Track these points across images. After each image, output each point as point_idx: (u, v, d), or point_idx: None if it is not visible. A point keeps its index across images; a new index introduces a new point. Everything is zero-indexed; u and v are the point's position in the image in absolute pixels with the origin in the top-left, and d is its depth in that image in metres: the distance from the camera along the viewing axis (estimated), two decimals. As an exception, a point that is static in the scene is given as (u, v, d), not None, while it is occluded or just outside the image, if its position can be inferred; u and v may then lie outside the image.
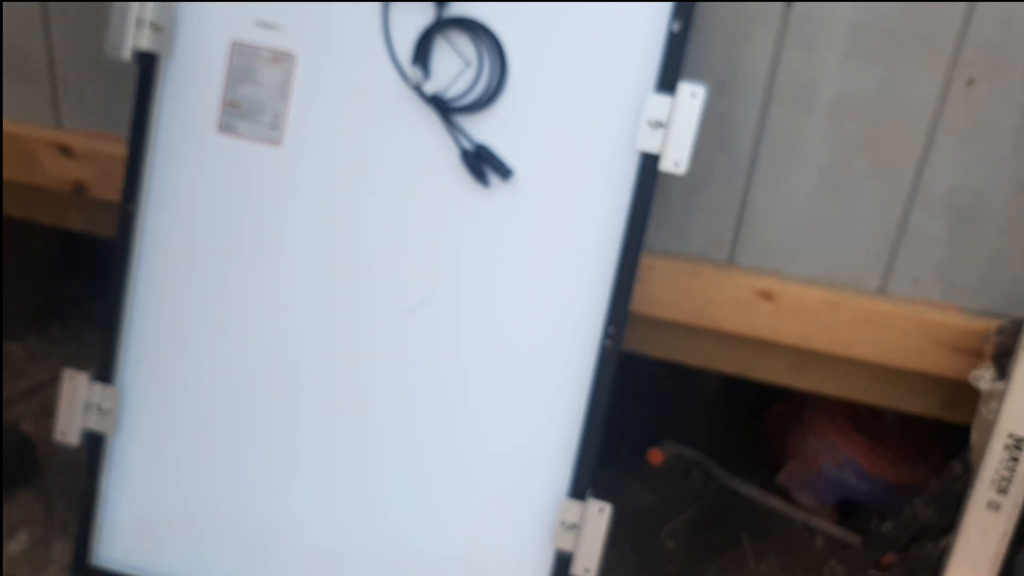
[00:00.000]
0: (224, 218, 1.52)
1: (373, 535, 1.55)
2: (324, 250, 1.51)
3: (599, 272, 1.43)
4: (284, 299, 1.52)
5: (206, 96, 1.50)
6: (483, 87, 1.42)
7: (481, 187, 1.44)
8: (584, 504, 1.47)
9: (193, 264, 1.54)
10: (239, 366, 1.55)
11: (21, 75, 1.76)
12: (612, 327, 1.43)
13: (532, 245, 1.46)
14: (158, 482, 1.59)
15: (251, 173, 1.50)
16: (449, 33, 1.42)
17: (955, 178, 1.48)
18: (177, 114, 1.51)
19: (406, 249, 1.49)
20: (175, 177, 1.53)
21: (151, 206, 1.53)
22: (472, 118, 1.43)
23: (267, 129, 1.49)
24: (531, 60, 1.41)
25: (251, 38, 1.47)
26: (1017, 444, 1.42)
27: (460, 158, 1.44)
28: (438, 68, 1.43)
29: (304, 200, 1.50)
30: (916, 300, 1.56)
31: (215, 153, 1.51)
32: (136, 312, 1.56)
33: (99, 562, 1.61)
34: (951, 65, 1.42)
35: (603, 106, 1.41)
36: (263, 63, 1.47)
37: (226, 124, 1.50)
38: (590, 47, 1.40)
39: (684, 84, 1.37)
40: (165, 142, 1.52)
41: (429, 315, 1.49)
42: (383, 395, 1.52)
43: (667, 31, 1.37)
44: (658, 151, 1.39)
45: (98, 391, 1.57)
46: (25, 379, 2.12)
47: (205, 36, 1.48)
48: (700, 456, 2.04)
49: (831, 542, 1.93)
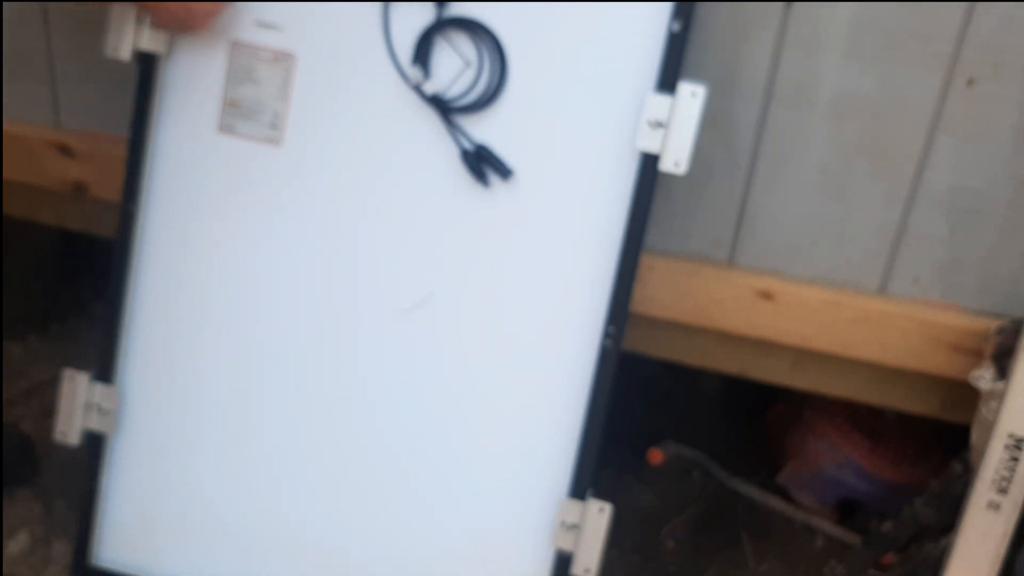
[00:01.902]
0: (224, 218, 1.52)
1: (373, 534, 1.55)
2: (324, 249, 1.50)
3: (599, 272, 1.43)
4: (284, 298, 1.52)
5: (206, 96, 1.49)
6: (483, 87, 1.42)
7: (481, 187, 1.44)
8: (584, 504, 1.47)
9: (193, 264, 1.54)
10: (239, 366, 1.55)
11: (21, 75, 1.76)
12: (612, 327, 1.43)
13: (532, 245, 1.46)
14: (158, 482, 1.59)
15: (251, 173, 1.50)
16: (449, 33, 1.42)
17: (955, 178, 1.48)
18: (177, 114, 1.51)
19: (406, 249, 1.48)
20: (175, 177, 1.52)
21: (151, 206, 1.53)
22: (472, 118, 1.43)
23: (267, 129, 1.48)
24: (531, 60, 1.41)
25: (251, 38, 1.47)
26: (1017, 444, 1.42)
27: (460, 158, 1.44)
28: (438, 68, 1.42)
29: (304, 200, 1.50)
30: (916, 300, 1.56)
31: (215, 153, 1.50)
32: (136, 312, 1.56)
33: (99, 562, 1.61)
34: (951, 65, 1.42)
35: (603, 106, 1.41)
36: (263, 63, 1.47)
37: (226, 124, 1.49)
38: (590, 47, 1.40)
39: (684, 84, 1.36)
40: (165, 142, 1.52)
41: (429, 315, 1.49)
42: (383, 395, 1.52)
43: (667, 31, 1.36)
44: (658, 151, 1.38)
45: (98, 391, 1.57)
46: (25, 379, 2.12)
47: (205, 36, 1.48)
48: (700, 456, 2.05)
49: (831, 542, 1.93)
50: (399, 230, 1.48)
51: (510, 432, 1.49)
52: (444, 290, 1.48)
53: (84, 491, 1.59)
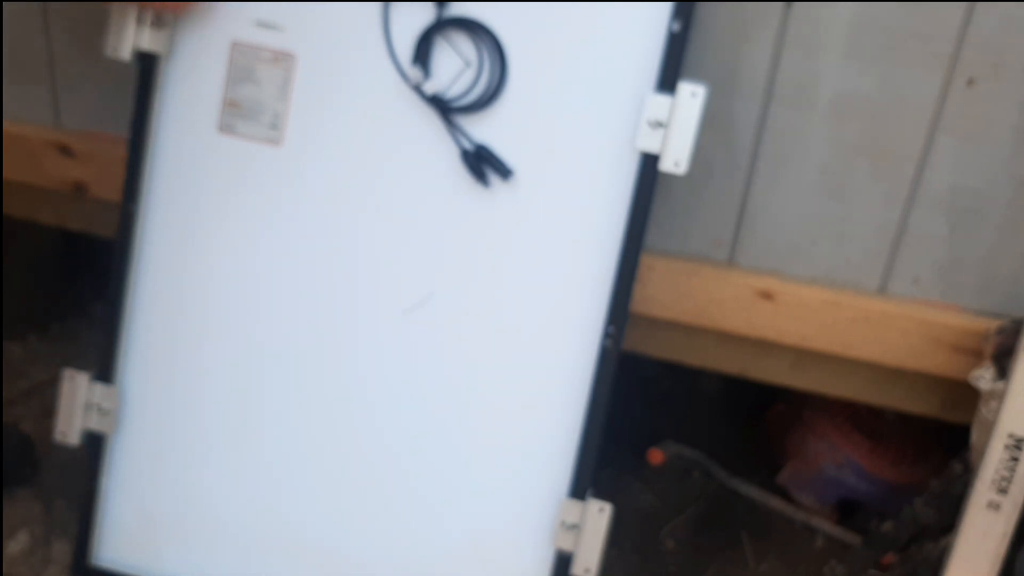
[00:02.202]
0: (224, 218, 1.52)
1: (373, 534, 1.55)
2: (324, 249, 1.50)
3: (599, 272, 1.43)
4: (284, 298, 1.52)
5: (206, 96, 1.49)
6: (483, 87, 1.42)
7: (481, 187, 1.44)
8: (584, 504, 1.47)
9: (193, 264, 1.54)
10: (240, 366, 1.55)
11: (21, 75, 1.76)
12: (612, 327, 1.43)
13: (532, 245, 1.46)
14: (159, 482, 1.59)
15: (251, 173, 1.50)
16: (449, 33, 1.42)
17: (955, 178, 1.48)
18: (177, 114, 1.51)
19: (406, 249, 1.48)
20: (175, 177, 1.52)
21: (151, 206, 1.53)
22: (472, 118, 1.43)
23: (267, 129, 1.48)
24: (531, 60, 1.41)
25: (251, 38, 1.47)
26: (1017, 444, 1.42)
27: (460, 158, 1.44)
28: (438, 68, 1.42)
29: (304, 200, 1.50)
30: (916, 300, 1.56)
31: (215, 153, 1.50)
32: (136, 312, 1.56)
33: (99, 562, 1.61)
34: (951, 65, 1.42)
35: (603, 106, 1.41)
36: (263, 63, 1.47)
37: (226, 124, 1.49)
38: (590, 47, 1.40)
39: (684, 84, 1.36)
40: (165, 142, 1.52)
41: (429, 315, 1.49)
42: (383, 395, 1.52)
43: (667, 31, 1.36)
44: (658, 151, 1.38)
45: (98, 391, 1.57)
46: (25, 379, 2.12)
47: (205, 36, 1.48)
48: (700, 456, 2.05)
49: (831, 542, 1.93)
50: (399, 230, 1.48)
51: (510, 432, 1.49)
52: (444, 290, 1.48)
53: (84, 491, 1.59)
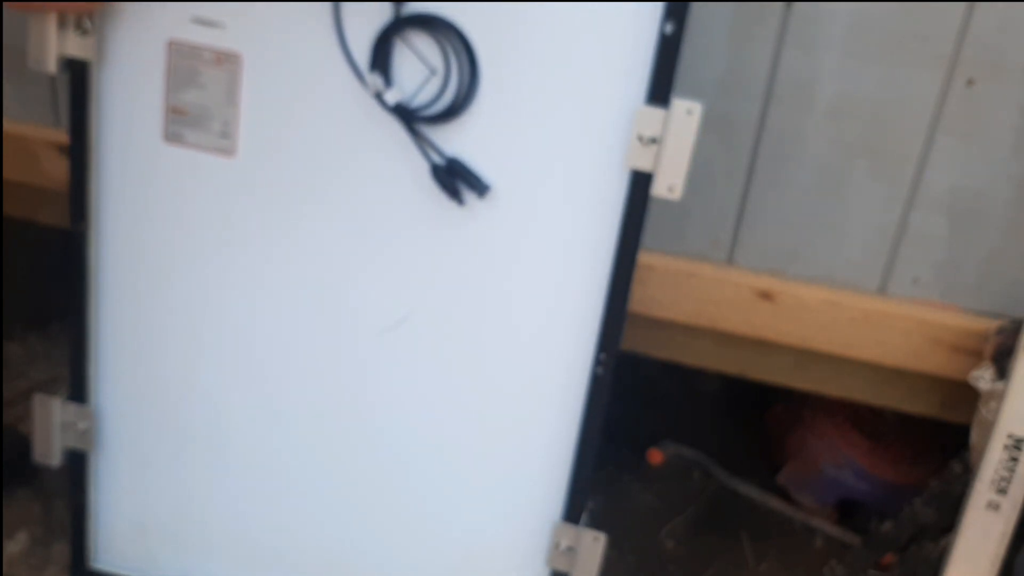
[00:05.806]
0: (183, 232, 1.42)
1: (365, 553, 1.53)
2: (290, 266, 1.40)
3: (588, 297, 1.33)
4: (253, 313, 1.44)
5: (146, 103, 1.36)
6: (452, 94, 1.27)
7: (455, 205, 1.32)
8: (578, 529, 1.44)
9: (152, 280, 1.45)
10: (213, 379, 1.48)
11: (21, 75, 1.76)
12: (603, 354, 1.34)
13: (514, 266, 1.35)
14: (146, 492, 1.56)
15: (205, 185, 1.38)
16: (410, 35, 1.27)
17: (955, 178, 1.48)
18: (119, 125, 1.38)
19: (377, 267, 1.38)
20: (125, 192, 1.41)
21: (106, 222, 1.43)
22: (442, 129, 1.29)
23: (217, 138, 1.35)
24: (504, 64, 1.26)
25: (189, 37, 1.32)
26: (1017, 444, 1.42)
27: (430, 173, 1.31)
28: (401, 74, 1.28)
29: (264, 214, 1.38)
30: (916, 300, 1.56)
31: (164, 165, 1.38)
32: (103, 330, 1.48)
33: (98, 564, 1.60)
34: (951, 65, 1.42)
35: (588, 117, 1.27)
36: (205, 64, 1.33)
37: (172, 133, 1.36)
38: (571, 50, 1.25)
39: (679, 101, 1.23)
40: (109, 156, 1.39)
41: (408, 335, 1.40)
42: (366, 412, 1.45)
43: (659, 33, 1.21)
44: (650, 168, 1.26)
45: (72, 411, 1.51)
46: (25, 379, 2.12)
47: (137, 36, 1.34)
48: (700, 456, 2.05)
49: (831, 542, 1.93)
50: (369, 249, 1.38)
51: (503, 456, 1.45)
52: (422, 312, 1.39)
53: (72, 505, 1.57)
